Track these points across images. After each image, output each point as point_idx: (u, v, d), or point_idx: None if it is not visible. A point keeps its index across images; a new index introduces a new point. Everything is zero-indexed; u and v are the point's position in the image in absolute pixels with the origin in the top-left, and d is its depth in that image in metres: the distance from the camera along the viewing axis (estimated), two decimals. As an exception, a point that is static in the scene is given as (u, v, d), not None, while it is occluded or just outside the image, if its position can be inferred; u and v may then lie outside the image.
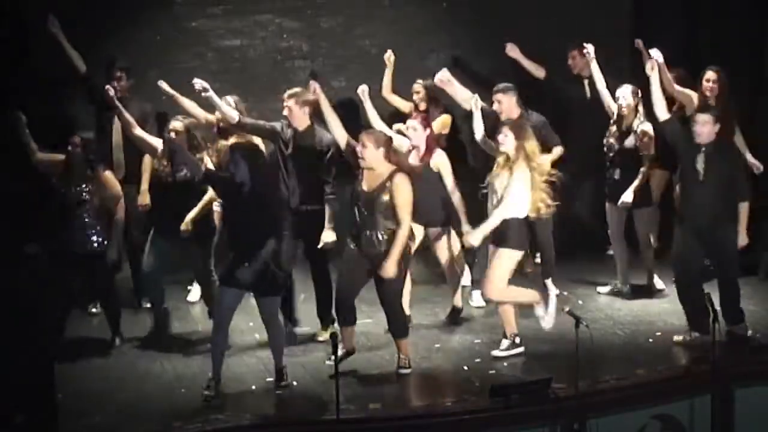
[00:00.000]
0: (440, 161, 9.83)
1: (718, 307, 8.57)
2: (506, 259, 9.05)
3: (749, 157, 10.43)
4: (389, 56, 10.97)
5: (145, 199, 10.00)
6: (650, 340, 9.63)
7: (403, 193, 8.73)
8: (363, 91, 9.78)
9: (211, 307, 9.64)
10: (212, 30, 11.61)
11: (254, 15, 11.68)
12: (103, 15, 10.90)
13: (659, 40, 11.69)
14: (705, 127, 9.22)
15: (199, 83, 9.48)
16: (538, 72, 11.18)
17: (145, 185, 9.95)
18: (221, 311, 8.62)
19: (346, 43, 11.83)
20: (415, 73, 11.93)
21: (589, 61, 10.59)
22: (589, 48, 10.48)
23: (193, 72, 11.39)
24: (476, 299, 10.54)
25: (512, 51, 11.01)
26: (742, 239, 9.33)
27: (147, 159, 9.83)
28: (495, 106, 10.22)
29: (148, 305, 10.07)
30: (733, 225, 9.31)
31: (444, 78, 10.17)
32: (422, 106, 10.87)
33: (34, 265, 8.27)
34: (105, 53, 10.59)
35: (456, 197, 9.82)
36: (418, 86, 10.95)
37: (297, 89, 9.62)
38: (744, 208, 9.31)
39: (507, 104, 10.18)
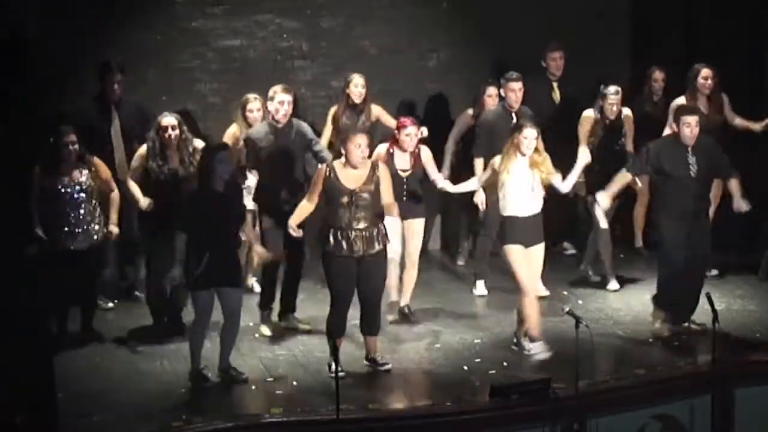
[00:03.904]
0: (428, 156, 9.93)
1: (718, 307, 8.57)
2: None
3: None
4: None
5: (145, 201, 9.62)
6: (650, 340, 9.63)
7: (388, 179, 8.96)
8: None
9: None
10: (212, 30, 11.59)
11: (254, 15, 11.66)
12: (103, 15, 10.90)
13: (659, 41, 11.76)
14: (697, 128, 9.40)
15: None
16: None
17: (138, 193, 9.61)
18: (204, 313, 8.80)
19: (346, 43, 11.83)
20: (415, 73, 11.96)
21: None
22: None
23: (193, 72, 11.46)
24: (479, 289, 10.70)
25: None
26: (746, 205, 9.55)
27: (136, 163, 9.70)
28: (511, 96, 10.35)
29: (139, 294, 10.37)
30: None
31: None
32: (358, 100, 10.73)
33: (34, 265, 8.25)
34: (105, 53, 10.59)
35: (445, 182, 9.92)
36: (360, 79, 10.76)
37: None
38: (735, 183, 9.56)
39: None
